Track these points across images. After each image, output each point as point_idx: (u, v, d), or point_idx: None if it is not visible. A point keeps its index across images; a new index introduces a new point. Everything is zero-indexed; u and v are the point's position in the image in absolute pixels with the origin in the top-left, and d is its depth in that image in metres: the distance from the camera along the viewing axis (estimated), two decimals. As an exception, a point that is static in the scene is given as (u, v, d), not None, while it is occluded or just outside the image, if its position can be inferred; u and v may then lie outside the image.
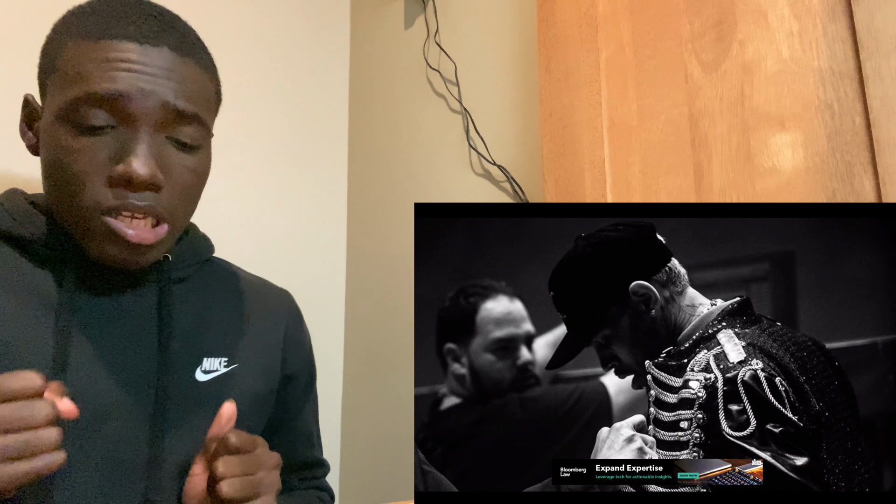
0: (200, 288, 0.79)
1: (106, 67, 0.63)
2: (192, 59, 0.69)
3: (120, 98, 0.63)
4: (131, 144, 0.64)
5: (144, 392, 0.69)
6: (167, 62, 0.66)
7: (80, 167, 0.63)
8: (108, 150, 0.64)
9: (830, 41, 0.77)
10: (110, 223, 0.64)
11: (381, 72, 1.56)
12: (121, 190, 0.64)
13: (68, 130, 0.64)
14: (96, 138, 0.64)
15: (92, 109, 0.63)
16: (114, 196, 0.64)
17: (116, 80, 0.63)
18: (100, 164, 0.64)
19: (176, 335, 0.73)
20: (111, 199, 0.64)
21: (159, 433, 0.68)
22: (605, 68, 0.99)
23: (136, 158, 0.63)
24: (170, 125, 0.67)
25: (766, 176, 0.81)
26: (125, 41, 0.64)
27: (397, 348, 1.39)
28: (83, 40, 0.65)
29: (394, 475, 1.35)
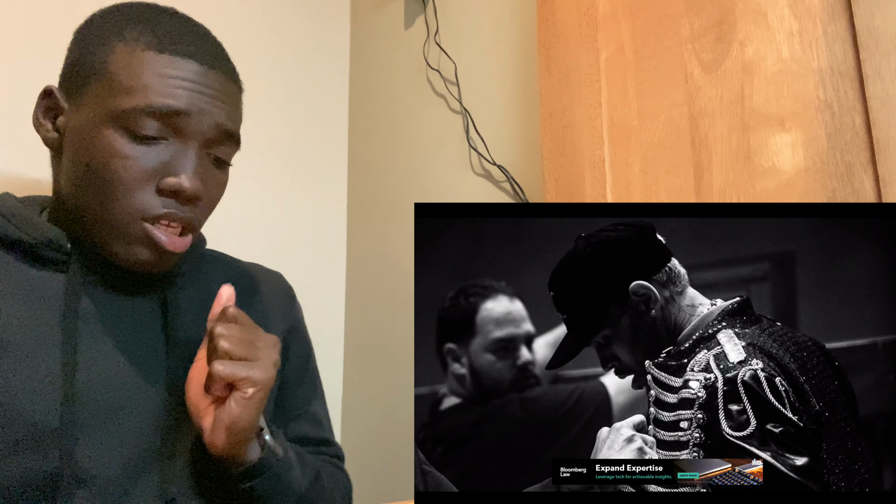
0: (200, 280, 0.80)
1: (168, 83, 0.66)
2: (235, 84, 0.74)
3: (180, 114, 0.66)
4: (182, 159, 0.67)
5: (154, 386, 0.70)
6: (220, 85, 0.70)
7: (132, 174, 0.65)
8: (158, 160, 0.66)
9: (830, 41, 0.77)
10: (149, 229, 0.66)
11: (381, 72, 1.56)
12: (167, 200, 0.67)
13: (120, 136, 0.65)
14: (148, 147, 0.66)
15: (150, 120, 0.65)
16: (162, 205, 0.67)
17: (179, 97, 0.66)
18: (150, 173, 0.66)
19: (179, 329, 0.73)
20: (159, 208, 0.66)
21: (172, 426, 0.69)
22: (605, 68, 0.99)
23: (187, 174, 0.67)
24: (215, 144, 0.70)
25: (766, 176, 0.81)
26: (187, 59, 0.68)
27: (397, 348, 1.39)
28: (143, 50, 0.67)
29: (394, 475, 1.35)
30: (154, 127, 0.66)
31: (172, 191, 0.67)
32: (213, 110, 0.69)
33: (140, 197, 0.66)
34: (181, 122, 0.66)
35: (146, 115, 0.65)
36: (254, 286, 0.86)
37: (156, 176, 0.66)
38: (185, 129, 0.67)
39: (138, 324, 0.72)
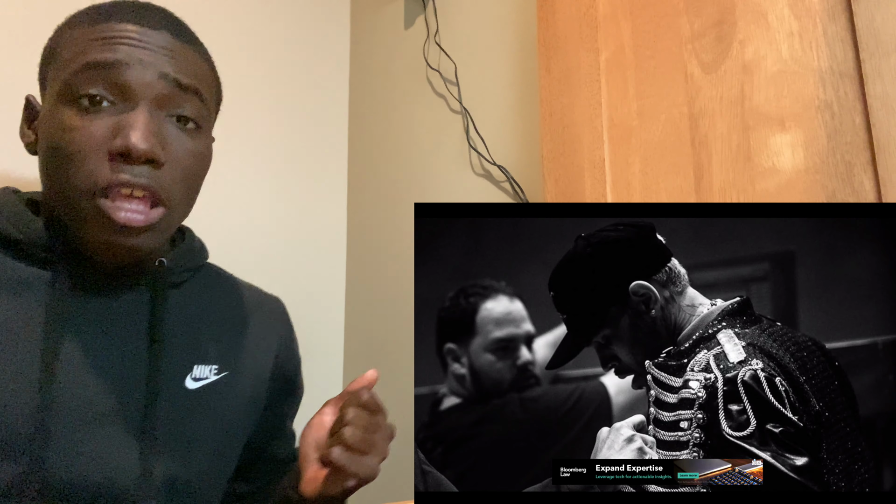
0: (194, 294, 0.78)
1: (105, 42, 0.64)
2: (192, 46, 0.70)
3: (118, 66, 0.63)
4: (130, 118, 0.63)
5: (134, 399, 0.68)
6: (166, 42, 0.66)
7: (79, 145, 0.62)
8: (106, 125, 0.63)
9: (830, 41, 0.77)
10: (101, 204, 0.62)
11: (381, 72, 1.56)
12: (118, 164, 0.62)
13: (69, 111, 0.63)
14: (95, 116, 0.63)
15: (89, 79, 0.62)
16: (111, 170, 0.62)
17: (116, 51, 0.63)
18: (98, 139, 0.62)
19: (167, 341, 0.72)
20: (109, 174, 0.62)
21: (149, 442, 0.67)
22: (605, 68, 0.99)
23: (133, 130, 0.62)
24: (170, 102, 0.66)
25: (766, 176, 0.81)
26: (125, 23, 0.65)
27: (397, 348, 1.39)
28: (83, 27, 0.66)
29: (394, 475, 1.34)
30: (97, 86, 0.62)
31: (121, 153, 0.62)
32: (156, 62, 0.65)
33: (90, 167, 0.62)
34: (121, 77, 0.63)
35: (85, 76, 0.62)
36: (251, 311, 0.84)
37: (105, 141, 0.62)
38: (127, 84, 0.63)
39: (124, 332, 0.70)
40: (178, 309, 0.75)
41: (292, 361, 0.88)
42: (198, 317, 0.77)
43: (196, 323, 0.76)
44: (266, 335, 0.84)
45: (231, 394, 0.76)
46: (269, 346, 0.84)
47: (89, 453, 0.64)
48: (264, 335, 0.83)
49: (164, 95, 0.65)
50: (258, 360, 0.82)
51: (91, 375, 0.66)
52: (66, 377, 0.64)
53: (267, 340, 0.83)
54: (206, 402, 0.73)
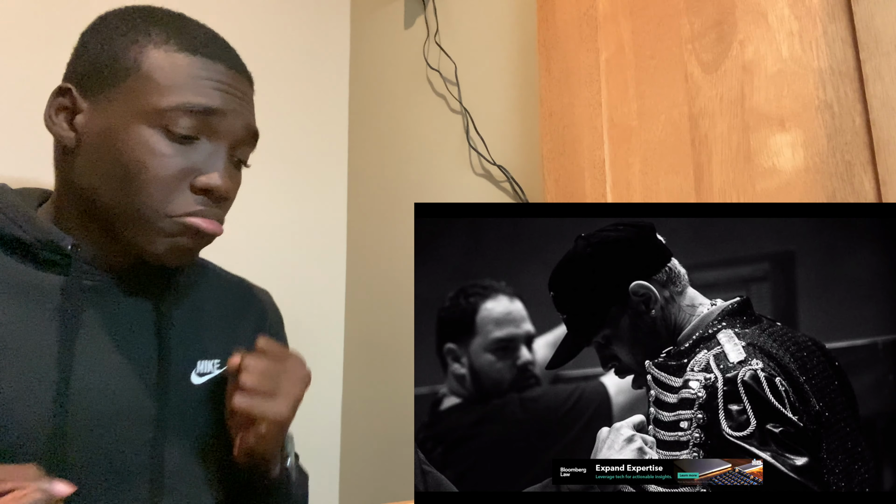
0: (192, 290, 0.79)
1: (204, 83, 0.68)
2: (252, 88, 0.76)
3: (216, 114, 0.68)
4: (215, 159, 0.69)
5: (145, 396, 0.69)
6: (247, 89, 0.73)
7: (168, 172, 0.66)
8: (193, 159, 0.68)
9: (830, 41, 0.77)
10: (185, 221, 0.68)
11: (381, 72, 1.56)
12: (202, 197, 0.69)
13: (157, 134, 0.66)
14: (185, 147, 0.67)
15: (186, 119, 0.67)
16: (195, 202, 0.68)
17: (213, 97, 0.68)
18: (185, 171, 0.67)
19: (173, 338, 0.73)
20: (193, 205, 0.68)
21: (161, 437, 0.69)
22: (605, 68, 0.99)
23: (220, 173, 0.69)
24: (241, 145, 0.73)
25: (766, 176, 0.81)
26: (217, 62, 0.70)
27: (397, 348, 1.39)
28: (176, 51, 0.68)
29: (394, 475, 1.35)
30: (189, 126, 0.67)
31: (205, 189, 0.68)
32: (243, 111, 0.71)
33: (174, 194, 0.67)
34: (215, 122, 0.68)
35: (183, 114, 0.67)
36: (242, 303, 0.86)
37: (190, 174, 0.68)
38: (218, 128, 0.69)
39: (132, 331, 0.71)
40: (179, 306, 0.76)
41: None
42: (197, 313, 0.78)
43: (196, 319, 0.77)
44: (260, 325, 0.86)
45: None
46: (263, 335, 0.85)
47: (104, 450, 0.66)
48: (259, 325, 0.85)
49: (241, 140, 0.72)
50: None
51: (103, 375, 0.67)
52: (79, 377, 0.66)
53: (261, 330, 0.85)
54: (212, 396, 0.75)
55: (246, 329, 0.83)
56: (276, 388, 0.68)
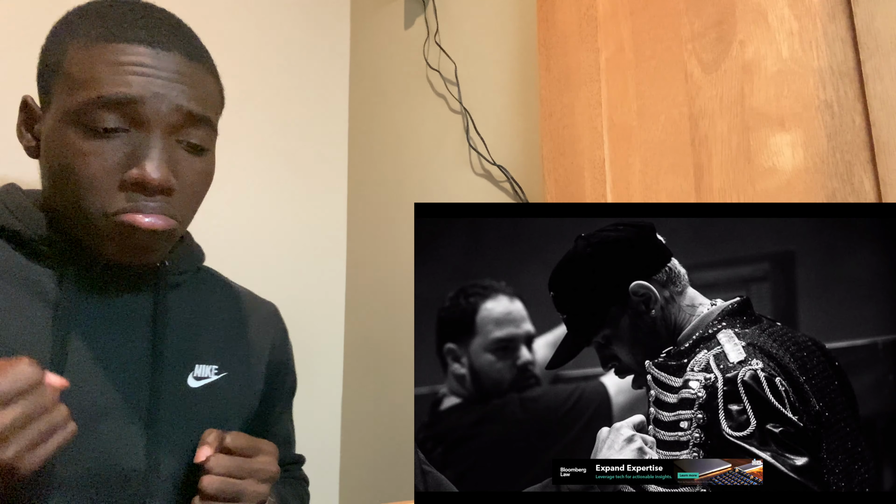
0: (193, 295, 0.79)
1: (118, 70, 0.63)
2: (201, 63, 0.69)
3: (134, 102, 0.63)
4: (144, 149, 0.63)
5: (138, 396, 0.69)
6: (178, 66, 0.66)
7: (92, 171, 0.63)
8: (119, 153, 0.63)
9: (830, 41, 0.77)
10: (122, 218, 0.63)
11: (381, 72, 1.56)
12: (133, 193, 0.64)
13: (78, 133, 0.63)
14: (107, 141, 0.63)
15: (104, 112, 0.62)
16: (126, 199, 0.63)
17: (130, 84, 0.63)
18: (111, 167, 0.63)
19: (169, 340, 0.73)
20: (123, 202, 0.63)
21: (154, 439, 0.68)
22: (605, 68, 0.99)
23: (150, 163, 0.63)
24: (181, 129, 0.66)
25: (766, 176, 0.81)
26: (137, 44, 0.64)
27: (397, 348, 1.39)
28: (92, 42, 0.64)
29: (394, 475, 1.35)
30: (111, 119, 0.62)
31: (136, 183, 0.63)
32: (171, 93, 0.65)
33: (104, 194, 0.63)
34: (137, 110, 0.63)
35: (101, 108, 0.62)
36: (246, 315, 0.85)
37: (118, 170, 0.63)
38: (143, 116, 0.63)
39: (128, 330, 0.70)
40: (177, 309, 0.75)
41: (285, 362, 0.89)
42: (196, 317, 0.78)
43: (195, 323, 0.77)
44: (261, 338, 0.85)
45: (230, 393, 0.77)
46: (264, 349, 0.85)
47: (97, 450, 0.65)
48: (259, 338, 0.85)
49: (178, 124, 0.66)
50: (254, 361, 0.83)
51: (97, 374, 0.67)
52: (73, 375, 0.65)
53: (262, 343, 0.85)
54: (208, 400, 0.74)
55: (247, 339, 0.82)
56: (239, 494, 0.65)
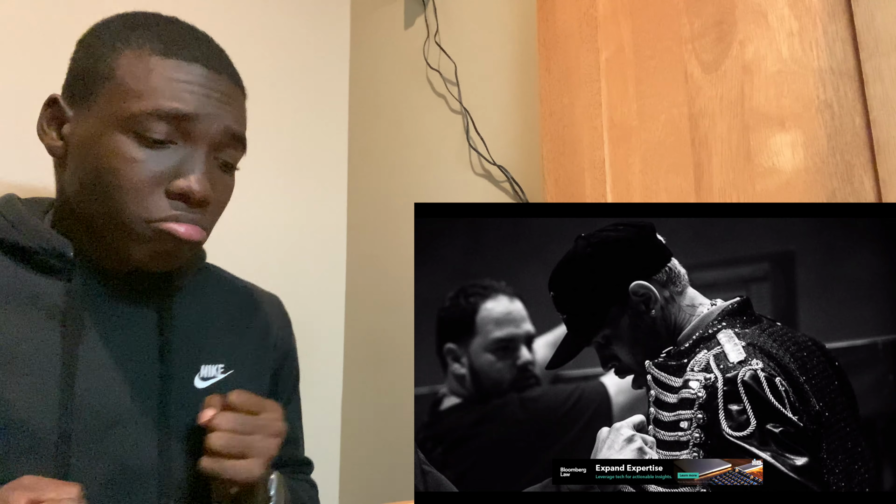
0: (196, 295, 0.79)
1: (175, 86, 0.66)
2: (240, 89, 0.74)
3: (188, 118, 0.66)
4: (191, 162, 0.67)
5: (148, 400, 0.70)
6: (227, 89, 0.70)
7: (139, 177, 0.65)
8: (167, 164, 0.66)
9: (830, 41, 0.77)
10: (162, 226, 0.66)
11: (381, 72, 1.56)
12: (176, 202, 0.67)
13: (128, 140, 0.65)
14: (157, 151, 0.66)
15: (159, 124, 0.65)
16: (171, 207, 0.66)
17: (187, 101, 0.66)
18: (159, 176, 0.66)
19: (175, 343, 0.73)
20: (168, 210, 0.66)
21: (166, 441, 0.69)
22: (605, 68, 0.99)
23: (196, 177, 0.67)
24: (223, 148, 0.70)
25: (766, 176, 0.81)
26: (194, 63, 0.68)
27: (397, 348, 1.39)
28: (149, 55, 0.67)
29: (394, 475, 1.35)
30: (163, 130, 0.66)
31: (181, 194, 0.67)
32: (221, 113, 0.69)
33: (149, 200, 0.66)
34: (189, 126, 0.67)
35: (155, 119, 0.65)
36: (250, 309, 0.86)
37: (165, 179, 0.66)
38: (193, 132, 0.67)
39: (136, 336, 0.71)
40: (182, 311, 0.76)
41: (289, 351, 0.90)
42: (201, 317, 0.78)
43: (200, 323, 0.78)
44: (266, 332, 0.86)
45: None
46: (269, 341, 0.86)
47: (111, 455, 0.66)
48: (265, 332, 0.85)
49: (221, 143, 0.70)
50: (260, 356, 0.83)
51: (108, 381, 0.68)
52: (84, 382, 0.66)
53: (267, 337, 0.85)
54: None
55: (252, 335, 0.83)
56: (247, 448, 0.66)
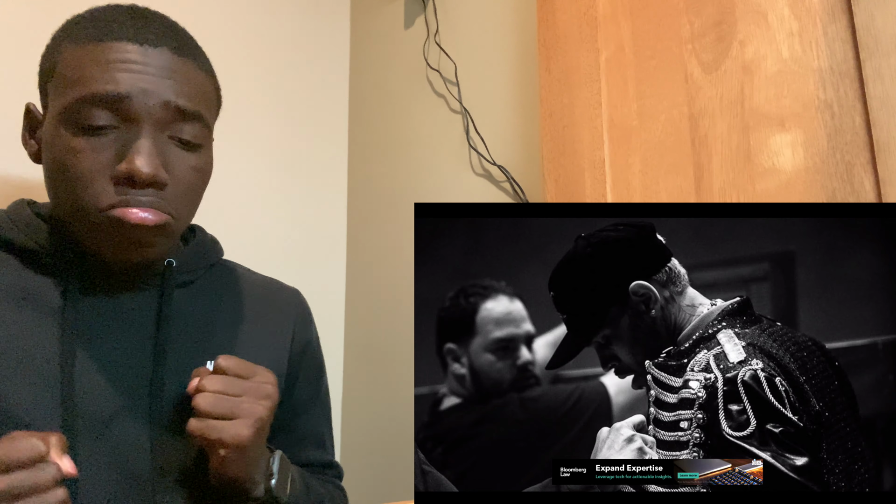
0: (207, 291, 0.79)
1: (107, 68, 0.64)
2: (192, 60, 0.70)
3: (121, 98, 0.64)
4: (133, 143, 0.64)
5: (146, 396, 0.70)
6: (167, 62, 0.67)
7: (83, 167, 0.64)
8: (110, 149, 0.64)
9: (830, 41, 0.77)
10: (112, 213, 0.64)
11: (381, 72, 1.56)
12: (123, 187, 0.64)
13: (70, 131, 0.64)
14: (98, 138, 0.64)
15: (94, 110, 0.64)
16: (116, 193, 0.64)
17: (118, 82, 0.64)
18: (103, 162, 0.64)
19: (177, 339, 0.73)
20: (114, 196, 0.64)
21: (159, 438, 0.69)
22: (605, 68, 0.99)
23: (138, 156, 0.64)
24: (172, 124, 0.67)
25: (766, 176, 0.81)
26: (125, 42, 0.65)
27: (397, 348, 1.39)
28: (83, 43, 0.66)
29: (394, 475, 1.35)
30: (101, 116, 0.64)
31: (125, 177, 0.64)
32: (158, 89, 0.66)
33: (95, 188, 0.64)
34: (126, 106, 0.64)
35: (91, 105, 0.64)
36: (265, 302, 0.85)
37: (108, 165, 0.64)
38: (130, 111, 0.64)
39: (133, 333, 0.71)
40: (187, 307, 0.76)
41: (309, 342, 0.88)
42: (211, 313, 0.78)
43: (208, 320, 0.77)
44: (282, 323, 0.84)
45: None
46: (286, 334, 0.84)
47: (109, 453, 0.66)
48: (281, 324, 0.84)
49: (167, 120, 0.67)
50: (275, 350, 0.82)
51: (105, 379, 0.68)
52: (82, 379, 0.66)
53: (283, 328, 0.84)
54: None
55: (267, 327, 0.82)
56: (235, 410, 0.64)
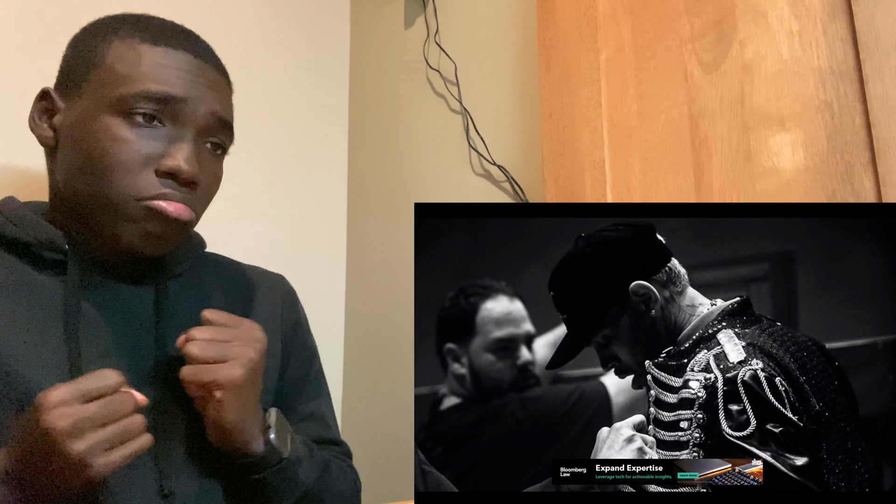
0: (196, 282, 0.81)
1: (164, 71, 0.69)
2: (226, 78, 0.77)
3: (178, 101, 0.69)
4: (178, 143, 0.70)
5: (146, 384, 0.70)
6: (213, 76, 0.74)
7: (128, 156, 0.67)
8: (156, 143, 0.69)
9: (830, 41, 0.77)
10: (150, 204, 0.68)
11: (381, 72, 1.56)
12: (166, 181, 0.69)
13: (117, 121, 0.68)
14: (147, 131, 0.68)
15: (148, 105, 0.68)
16: (161, 185, 0.68)
17: (176, 84, 0.69)
18: (148, 155, 0.68)
19: (174, 330, 0.74)
20: (158, 188, 0.68)
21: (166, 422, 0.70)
22: (605, 68, 0.99)
23: (184, 156, 0.69)
24: (210, 132, 0.73)
25: (766, 176, 0.81)
26: (182, 51, 0.71)
27: (397, 348, 1.39)
28: (139, 43, 0.70)
29: (394, 475, 1.35)
30: (151, 112, 0.68)
31: (170, 172, 0.68)
32: (208, 98, 0.72)
33: (139, 178, 0.68)
34: (177, 109, 0.69)
35: (144, 100, 0.68)
36: (252, 288, 0.86)
37: (154, 158, 0.68)
38: (181, 114, 0.70)
39: (133, 323, 0.73)
40: (180, 299, 0.77)
41: (297, 321, 0.90)
42: (202, 303, 0.79)
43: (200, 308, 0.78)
44: (270, 308, 0.86)
45: None
46: (275, 319, 0.86)
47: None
48: (269, 309, 0.86)
49: (209, 127, 0.73)
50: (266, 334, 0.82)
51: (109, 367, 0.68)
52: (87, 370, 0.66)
53: (272, 313, 0.86)
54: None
55: (255, 312, 0.84)
56: (226, 354, 0.67)
